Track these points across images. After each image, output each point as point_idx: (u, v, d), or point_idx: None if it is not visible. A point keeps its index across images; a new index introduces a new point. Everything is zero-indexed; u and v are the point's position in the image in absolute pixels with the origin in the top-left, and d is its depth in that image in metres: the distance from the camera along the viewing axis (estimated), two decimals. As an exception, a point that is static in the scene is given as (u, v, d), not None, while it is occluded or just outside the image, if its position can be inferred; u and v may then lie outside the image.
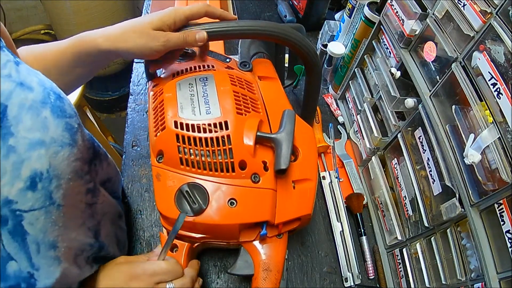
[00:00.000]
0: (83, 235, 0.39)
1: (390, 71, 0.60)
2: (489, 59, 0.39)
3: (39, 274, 0.30)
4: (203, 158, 0.43)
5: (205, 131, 0.43)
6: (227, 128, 0.43)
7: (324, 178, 0.71)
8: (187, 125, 0.43)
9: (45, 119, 0.31)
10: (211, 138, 0.42)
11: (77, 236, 0.37)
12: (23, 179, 0.29)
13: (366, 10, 0.66)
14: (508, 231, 0.37)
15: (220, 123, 0.43)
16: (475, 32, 0.42)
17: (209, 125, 0.43)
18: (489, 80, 0.39)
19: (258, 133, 0.44)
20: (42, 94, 0.32)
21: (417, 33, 0.53)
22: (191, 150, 0.43)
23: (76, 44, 0.44)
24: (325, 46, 0.79)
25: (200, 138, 0.42)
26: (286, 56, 0.72)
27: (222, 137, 0.42)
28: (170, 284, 0.42)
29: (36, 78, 0.33)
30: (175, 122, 0.43)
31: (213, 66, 0.52)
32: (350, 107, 0.79)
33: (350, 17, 0.74)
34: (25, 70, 0.32)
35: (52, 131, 0.31)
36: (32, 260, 0.29)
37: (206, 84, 0.47)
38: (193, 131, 0.43)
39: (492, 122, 0.38)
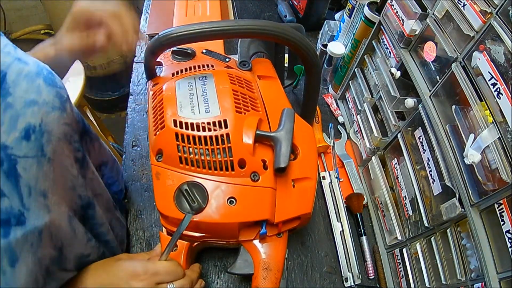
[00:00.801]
0: (74, 199, 0.42)
1: (390, 71, 0.60)
2: (489, 59, 0.39)
3: (29, 214, 0.33)
4: (202, 157, 0.43)
5: (204, 130, 0.43)
6: (226, 127, 0.43)
7: (324, 178, 0.71)
8: (186, 123, 0.43)
9: (39, 85, 0.36)
10: (210, 137, 0.42)
11: (67, 195, 0.40)
12: (18, 129, 0.33)
13: (366, 10, 0.66)
14: (508, 231, 0.37)
15: (220, 122, 0.43)
16: (475, 32, 0.42)
17: (208, 123, 0.43)
18: (489, 80, 0.39)
19: (258, 132, 0.44)
20: (36, 68, 0.37)
21: (417, 33, 0.53)
22: (190, 149, 0.43)
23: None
24: (325, 46, 0.79)
25: (200, 137, 0.42)
26: (286, 56, 0.72)
27: (222, 135, 0.42)
28: (171, 285, 0.42)
29: (31, 59, 0.38)
30: (175, 121, 0.43)
31: (212, 66, 0.52)
32: (350, 107, 0.79)
33: (350, 17, 0.74)
34: (22, 52, 0.38)
35: (45, 95, 0.36)
36: (23, 200, 0.32)
37: (205, 83, 0.47)
38: (192, 129, 0.43)
39: (492, 122, 0.38)
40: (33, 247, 0.32)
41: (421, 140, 0.53)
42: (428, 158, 0.51)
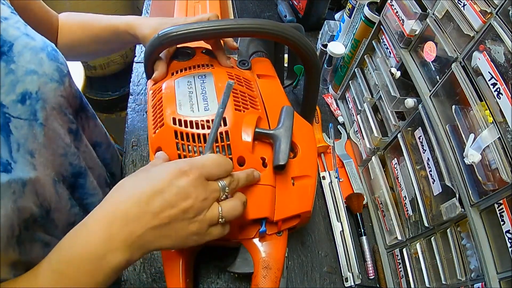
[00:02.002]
0: (65, 166, 0.44)
1: (390, 71, 0.60)
2: (489, 59, 0.39)
3: (15, 166, 0.35)
4: (201, 155, 0.43)
5: (203, 128, 0.43)
6: (225, 124, 0.43)
7: (324, 178, 0.71)
8: (185, 121, 0.43)
9: (41, 59, 0.40)
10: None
11: (56, 160, 0.42)
12: (16, 93, 0.37)
13: (366, 10, 0.66)
14: (508, 231, 0.37)
15: None
16: (475, 32, 0.41)
17: (208, 121, 0.43)
18: (489, 80, 0.39)
19: (257, 129, 0.44)
20: (42, 43, 0.42)
21: (417, 33, 0.53)
22: (189, 147, 0.43)
23: (121, 29, 0.55)
24: (325, 46, 0.79)
25: (199, 135, 0.42)
26: (286, 56, 0.72)
27: (220, 133, 0.42)
28: (222, 182, 0.36)
29: (39, 36, 0.42)
30: (174, 119, 0.43)
31: (212, 65, 0.52)
32: (350, 107, 0.79)
33: (350, 17, 0.74)
34: (32, 30, 0.42)
35: (45, 68, 0.40)
36: (12, 153, 0.35)
37: (204, 81, 0.47)
38: (192, 127, 0.43)
39: (492, 122, 0.38)
40: (14, 195, 0.34)
41: (421, 140, 0.53)
42: (428, 158, 0.51)
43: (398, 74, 0.58)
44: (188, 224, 0.34)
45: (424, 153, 0.52)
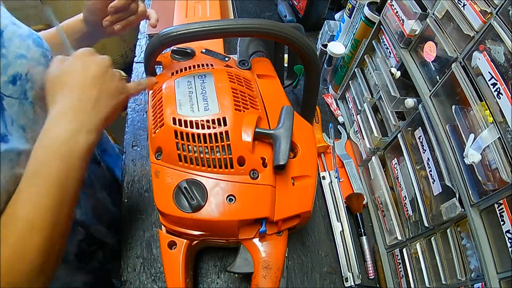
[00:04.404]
0: None
1: (390, 71, 0.60)
2: (489, 59, 0.39)
3: (11, 137, 0.39)
4: (201, 155, 0.43)
5: (203, 128, 0.43)
6: (225, 124, 0.43)
7: (324, 178, 0.71)
8: (185, 121, 0.43)
9: (28, 44, 0.45)
10: (210, 134, 0.42)
11: None
12: (7, 75, 0.41)
13: (366, 10, 0.66)
14: (508, 231, 0.37)
15: (219, 119, 0.43)
16: (475, 32, 0.41)
17: (208, 121, 0.43)
18: (489, 80, 0.39)
19: (257, 129, 0.44)
20: (28, 31, 0.47)
21: (417, 33, 0.53)
22: (189, 147, 0.43)
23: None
24: (325, 46, 0.79)
25: (199, 134, 0.42)
26: (286, 56, 0.72)
27: (221, 133, 0.42)
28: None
29: (24, 25, 0.47)
30: (174, 119, 0.43)
31: (212, 65, 0.52)
32: (350, 107, 0.79)
33: (350, 17, 0.74)
34: (16, 19, 0.47)
35: (33, 53, 0.45)
36: (7, 127, 0.40)
37: (204, 81, 0.47)
38: (192, 127, 0.43)
39: (492, 122, 0.38)
40: (11, 163, 0.38)
41: (421, 140, 0.53)
42: (428, 158, 0.51)
43: (398, 74, 0.58)
44: (111, 83, 0.44)
45: (424, 153, 0.52)
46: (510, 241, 0.36)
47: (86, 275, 0.60)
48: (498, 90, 0.37)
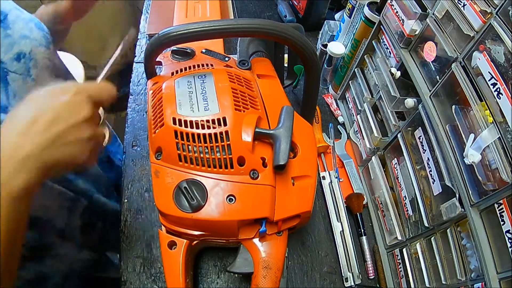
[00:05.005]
0: None
1: (390, 71, 0.60)
2: (489, 59, 0.39)
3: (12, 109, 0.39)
4: (201, 155, 0.43)
5: (203, 128, 0.43)
6: (225, 124, 0.43)
7: (324, 178, 0.71)
8: (185, 121, 0.43)
9: (31, 27, 0.49)
10: (210, 134, 0.42)
11: None
12: (13, 52, 0.45)
13: (366, 10, 0.66)
14: (508, 231, 0.37)
15: (219, 119, 0.43)
16: (475, 32, 0.41)
17: (208, 121, 0.43)
18: (489, 80, 0.39)
19: (257, 129, 0.44)
20: (29, 16, 0.50)
21: (417, 33, 0.53)
22: (189, 147, 0.43)
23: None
24: (325, 46, 0.79)
25: (199, 134, 0.42)
26: (286, 56, 0.72)
27: (221, 133, 0.42)
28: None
29: (25, 11, 0.51)
30: (174, 119, 0.43)
31: (211, 65, 0.52)
32: (350, 107, 0.79)
33: (350, 17, 0.74)
34: (17, 5, 0.50)
35: (35, 35, 0.49)
36: (9, 99, 0.44)
37: (204, 81, 0.47)
38: (192, 127, 0.43)
39: (492, 122, 0.38)
40: None
41: (421, 140, 0.53)
42: (428, 158, 0.51)
43: (398, 74, 0.58)
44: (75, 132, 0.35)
45: (424, 153, 0.52)
46: (510, 241, 0.36)
47: (89, 252, 0.61)
48: (498, 90, 0.37)
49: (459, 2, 0.44)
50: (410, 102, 0.55)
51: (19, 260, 0.34)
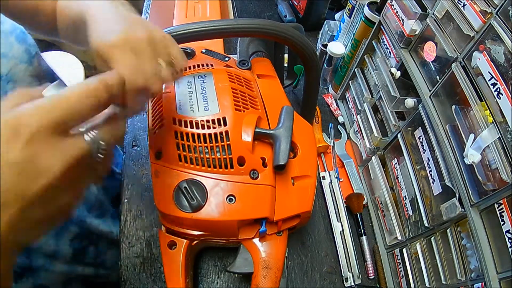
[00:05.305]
0: None
1: (390, 71, 0.60)
2: (489, 59, 0.39)
3: None
4: (201, 155, 0.43)
5: (203, 128, 0.43)
6: (225, 124, 0.43)
7: (324, 178, 0.71)
8: (185, 121, 0.43)
9: (11, 42, 0.44)
10: (210, 134, 0.42)
11: None
12: None
13: (366, 10, 0.66)
14: (508, 231, 0.37)
15: (219, 119, 0.43)
16: (475, 32, 0.41)
17: (208, 121, 0.43)
18: (489, 80, 0.39)
19: (257, 129, 0.44)
20: (11, 27, 0.45)
21: (417, 33, 0.53)
22: (189, 147, 0.43)
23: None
24: (325, 46, 0.79)
25: (199, 134, 0.42)
26: (286, 56, 0.72)
27: (221, 133, 0.42)
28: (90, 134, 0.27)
29: (8, 20, 0.45)
30: (174, 119, 0.43)
31: (211, 65, 0.52)
32: (350, 107, 0.79)
33: (350, 17, 0.74)
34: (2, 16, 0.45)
35: (15, 51, 0.44)
36: None
37: (204, 81, 0.47)
38: (192, 127, 0.43)
39: (492, 122, 0.38)
40: None
41: (421, 140, 0.53)
42: (428, 158, 0.51)
43: (398, 74, 0.58)
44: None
45: (424, 153, 0.52)
46: (510, 241, 0.36)
47: (84, 267, 0.61)
48: (498, 90, 0.37)
49: (459, 2, 0.44)
50: (410, 102, 0.55)
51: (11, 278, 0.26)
